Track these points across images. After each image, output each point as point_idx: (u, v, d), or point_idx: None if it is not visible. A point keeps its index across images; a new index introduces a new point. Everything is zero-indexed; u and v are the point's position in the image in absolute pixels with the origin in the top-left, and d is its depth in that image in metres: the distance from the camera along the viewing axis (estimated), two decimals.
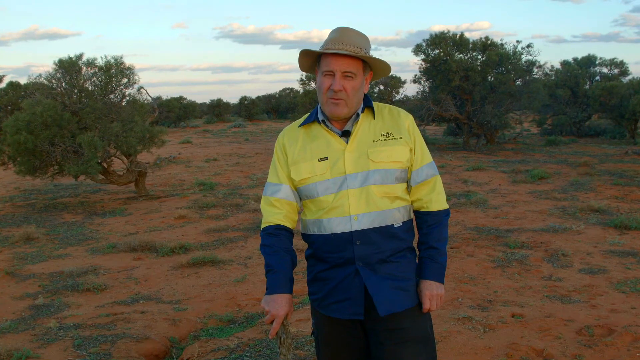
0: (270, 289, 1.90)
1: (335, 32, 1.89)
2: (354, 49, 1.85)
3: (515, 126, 17.78)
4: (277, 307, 1.86)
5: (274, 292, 1.88)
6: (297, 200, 2.01)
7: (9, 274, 5.53)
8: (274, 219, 1.98)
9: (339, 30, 1.89)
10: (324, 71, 1.88)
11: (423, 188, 1.98)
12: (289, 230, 2.00)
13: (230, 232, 7.08)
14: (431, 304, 1.94)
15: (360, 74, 1.89)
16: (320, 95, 1.92)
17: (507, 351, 3.40)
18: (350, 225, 1.88)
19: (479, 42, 16.48)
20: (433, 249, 1.98)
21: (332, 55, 1.86)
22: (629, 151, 14.05)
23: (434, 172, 2.00)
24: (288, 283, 1.91)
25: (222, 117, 36.21)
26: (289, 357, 1.90)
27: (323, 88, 1.89)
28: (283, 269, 1.91)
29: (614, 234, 6.40)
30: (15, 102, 12.45)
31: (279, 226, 1.97)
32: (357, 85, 1.89)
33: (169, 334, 4.03)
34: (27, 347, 3.67)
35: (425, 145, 2.02)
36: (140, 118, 9.53)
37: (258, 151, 17.40)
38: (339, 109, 1.89)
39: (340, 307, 1.92)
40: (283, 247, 1.95)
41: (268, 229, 1.98)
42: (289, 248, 1.97)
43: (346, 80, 1.86)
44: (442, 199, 2.01)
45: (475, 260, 5.42)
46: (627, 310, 4.06)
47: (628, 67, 21.40)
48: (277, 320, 1.86)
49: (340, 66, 1.85)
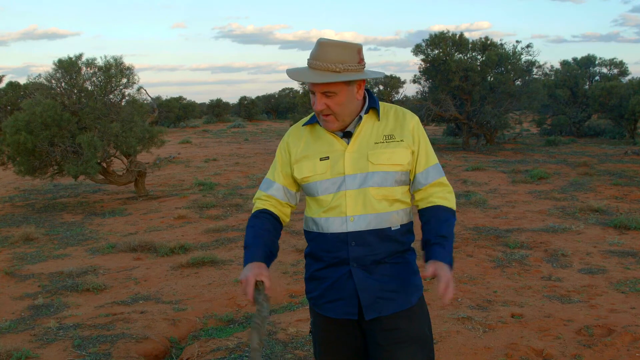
0: (244, 263, 1.87)
1: (316, 46, 1.84)
2: (330, 67, 1.79)
3: (515, 126, 17.79)
4: (245, 273, 1.80)
5: (246, 263, 1.85)
6: (290, 199, 2.03)
7: (9, 274, 5.53)
8: (260, 206, 2.03)
9: (318, 44, 1.83)
10: (309, 89, 1.87)
11: (431, 189, 1.97)
12: (272, 214, 2.00)
13: (230, 232, 7.08)
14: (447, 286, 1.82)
15: (343, 89, 1.83)
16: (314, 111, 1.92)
17: (506, 351, 3.40)
18: (346, 226, 1.88)
19: (478, 42, 16.48)
20: (444, 238, 1.95)
21: None
22: (628, 151, 14.05)
23: (441, 174, 1.99)
24: (259, 253, 1.87)
25: (221, 117, 36.18)
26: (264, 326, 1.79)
27: (312, 104, 1.88)
28: (256, 243, 1.90)
29: (614, 234, 6.41)
30: (14, 102, 12.45)
31: (263, 209, 2.01)
32: (342, 100, 1.84)
33: (168, 334, 4.02)
34: (26, 347, 3.67)
35: (431, 147, 2.00)
36: (140, 118, 9.52)
37: (257, 151, 17.39)
38: (330, 125, 1.88)
39: (334, 306, 1.93)
40: (262, 226, 1.95)
41: (254, 213, 2.03)
42: (268, 227, 1.95)
43: (328, 98, 1.83)
44: (453, 199, 2.00)
45: (474, 260, 5.42)
46: (627, 310, 4.06)
47: (627, 67, 21.42)
48: (247, 285, 1.77)
49: (317, 87, 1.83)
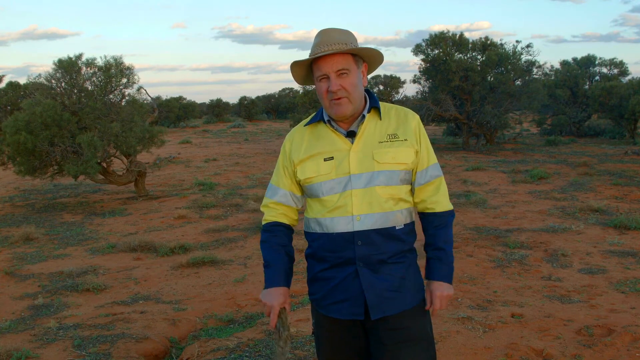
0: (267, 282, 1.96)
1: (317, 36, 1.89)
2: (339, 46, 1.85)
3: (515, 126, 17.79)
4: (272, 299, 1.91)
5: (270, 286, 1.94)
6: (297, 203, 2.05)
7: (9, 274, 5.53)
8: (271, 217, 2.05)
9: (320, 33, 1.89)
10: (318, 77, 1.89)
11: (427, 189, 1.98)
12: (285, 226, 2.04)
13: (230, 232, 7.08)
14: (441, 304, 1.99)
15: (354, 69, 1.88)
16: (322, 101, 1.92)
17: (506, 351, 3.40)
18: (353, 226, 1.88)
19: (478, 42, 16.49)
20: (441, 251, 2.03)
21: (321, 58, 1.86)
22: (628, 151, 14.05)
23: (439, 173, 2.01)
24: (283, 276, 1.96)
25: (221, 117, 36.20)
26: (287, 349, 1.91)
27: (322, 93, 1.89)
28: (277, 263, 1.96)
29: (614, 234, 6.41)
30: (14, 102, 12.43)
31: (275, 223, 2.03)
32: (354, 80, 1.88)
33: (168, 334, 4.02)
34: (26, 347, 3.67)
35: (431, 146, 2.03)
36: (140, 118, 9.53)
37: (257, 151, 17.40)
38: (343, 108, 1.88)
39: (340, 307, 1.93)
40: (278, 242, 2.00)
41: (265, 226, 2.05)
42: (285, 243, 2.01)
43: (342, 78, 1.86)
44: (447, 200, 2.02)
45: (474, 260, 5.42)
46: (627, 310, 4.06)
47: (627, 67, 21.48)
48: (272, 312, 1.90)
49: (331, 67, 1.85)
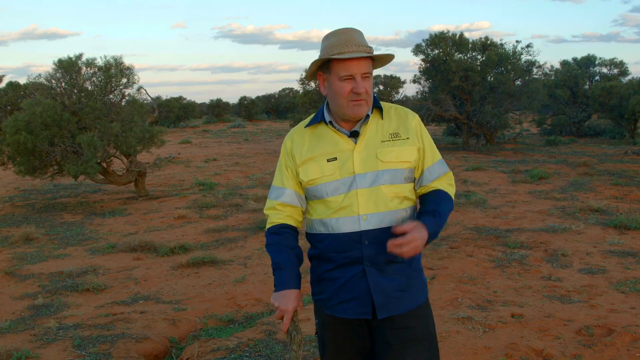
0: (279, 285, 1.92)
1: (341, 34, 1.87)
2: (366, 49, 1.86)
3: (515, 126, 17.77)
4: (286, 302, 1.88)
5: (282, 288, 1.91)
6: (302, 203, 2.03)
7: (9, 274, 5.53)
8: (277, 219, 2.01)
9: (345, 32, 1.87)
10: (342, 76, 1.86)
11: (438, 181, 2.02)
12: (292, 228, 2.02)
13: (230, 232, 7.08)
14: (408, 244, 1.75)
15: (371, 73, 1.91)
16: (339, 100, 1.89)
17: (506, 351, 3.40)
18: (359, 225, 1.88)
19: (478, 42, 16.48)
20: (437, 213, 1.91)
21: (351, 59, 1.85)
22: (628, 151, 14.05)
23: (446, 169, 2.04)
24: (295, 278, 1.93)
25: (221, 117, 36.20)
26: (300, 353, 1.90)
27: (344, 92, 1.87)
28: (289, 265, 1.94)
29: (614, 234, 6.40)
30: (14, 102, 12.43)
31: (282, 225, 2.00)
32: (371, 83, 1.92)
33: (168, 334, 4.03)
34: (26, 347, 3.67)
35: (433, 143, 2.04)
36: (140, 118, 9.53)
37: (257, 151, 17.40)
38: (362, 109, 1.90)
39: (347, 307, 1.93)
40: (287, 244, 1.97)
41: (272, 228, 2.01)
42: (294, 245, 1.99)
43: (365, 81, 1.88)
44: (453, 191, 2.05)
45: (474, 260, 5.42)
46: (627, 310, 4.06)
47: (627, 67, 21.44)
48: (286, 315, 1.88)
49: (359, 69, 1.86)
